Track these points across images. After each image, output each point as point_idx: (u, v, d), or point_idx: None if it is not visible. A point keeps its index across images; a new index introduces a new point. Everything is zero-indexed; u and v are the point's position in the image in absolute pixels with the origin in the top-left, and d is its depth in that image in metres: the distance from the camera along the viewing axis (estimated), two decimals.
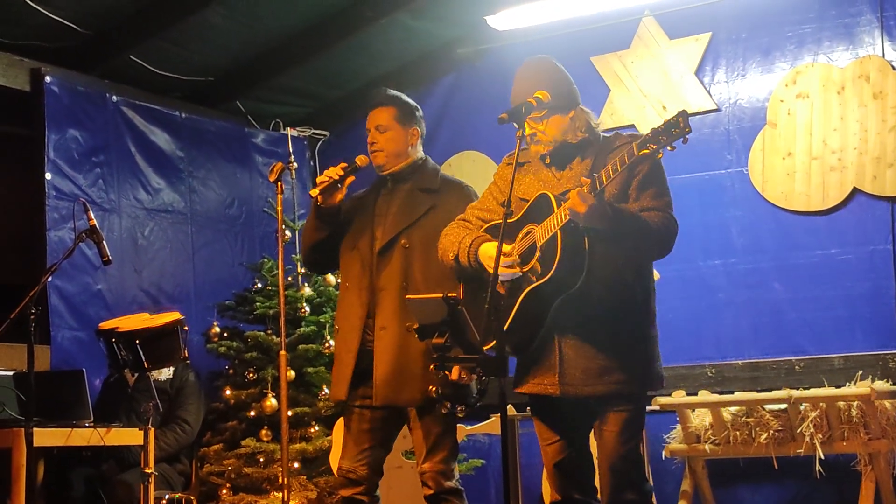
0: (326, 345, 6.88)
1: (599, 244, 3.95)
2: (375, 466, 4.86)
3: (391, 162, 4.93)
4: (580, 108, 4.26)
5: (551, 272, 3.94)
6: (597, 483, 4.27)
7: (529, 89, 4.15)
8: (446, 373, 3.97)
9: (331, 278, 7.04)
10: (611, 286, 4.03)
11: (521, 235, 4.11)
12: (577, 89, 4.30)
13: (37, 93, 6.94)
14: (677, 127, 3.76)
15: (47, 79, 6.95)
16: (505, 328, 3.93)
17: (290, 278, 7.07)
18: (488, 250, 4.15)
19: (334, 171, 4.86)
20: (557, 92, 4.19)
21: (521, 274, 4.06)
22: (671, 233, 4.09)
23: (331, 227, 4.96)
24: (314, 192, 4.87)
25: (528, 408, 4.39)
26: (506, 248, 3.98)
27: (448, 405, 4.03)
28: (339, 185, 4.88)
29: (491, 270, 4.01)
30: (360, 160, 4.92)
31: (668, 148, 3.80)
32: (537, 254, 4.02)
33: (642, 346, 4.12)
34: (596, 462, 4.24)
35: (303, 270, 7.05)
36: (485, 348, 3.83)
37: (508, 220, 3.98)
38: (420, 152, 5.03)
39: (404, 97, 5.05)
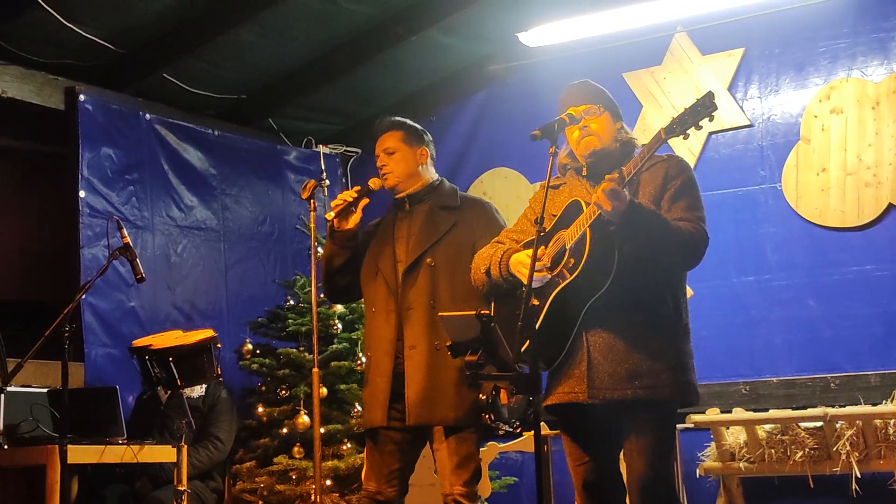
0: (359, 362, 6.87)
1: (626, 241, 3.92)
2: (402, 487, 4.86)
3: (403, 183, 4.95)
4: (622, 122, 4.30)
5: (579, 268, 3.93)
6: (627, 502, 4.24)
7: (578, 101, 4.19)
8: (493, 392, 4.01)
9: None
10: (641, 292, 4.01)
11: (551, 243, 4.10)
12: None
13: (71, 111, 6.99)
14: (703, 106, 3.77)
15: (81, 97, 7.00)
16: (537, 325, 3.91)
17: (322, 295, 7.06)
18: (519, 257, 4.16)
19: (348, 195, 4.90)
20: (605, 98, 4.25)
21: (549, 277, 4.04)
22: (697, 242, 4.05)
23: (348, 252, 4.98)
24: (329, 216, 4.89)
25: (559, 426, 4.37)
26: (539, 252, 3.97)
27: (495, 422, 4.06)
28: (353, 208, 4.91)
29: (522, 278, 4.04)
30: (373, 183, 4.95)
31: (693, 128, 3.79)
32: (566, 255, 4.01)
33: (674, 354, 4.07)
34: (626, 482, 4.21)
35: None
36: (521, 349, 3.81)
37: (542, 235, 3.97)
38: (434, 174, 5.04)
39: (410, 121, 5.07)
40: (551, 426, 6.30)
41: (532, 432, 3.72)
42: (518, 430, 4.31)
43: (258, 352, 7.22)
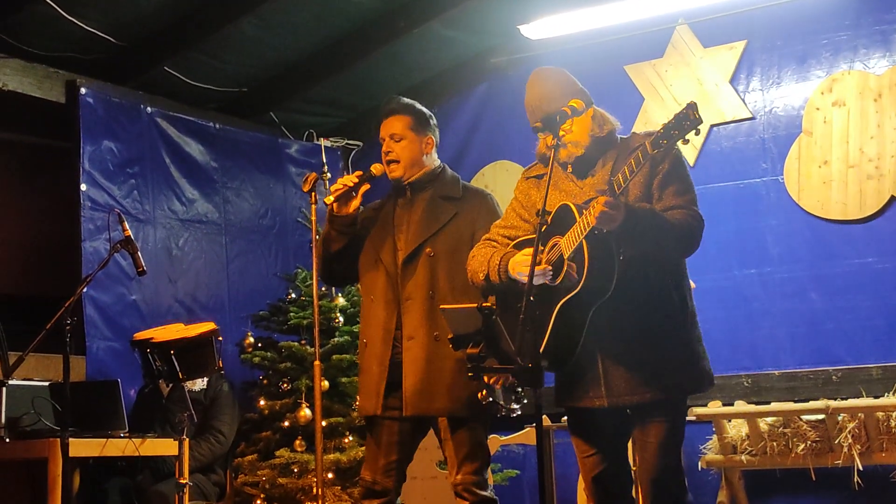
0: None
1: (627, 248, 3.90)
2: (400, 477, 4.85)
3: (408, 171, 4.90)
4: (594, 107, 4.24)
5: (582, 281, 3.90)
6: (634, 493, 4.24)
7: (551, 99, 4.14)
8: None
9: None
10: (645, 291, 4.00)
11: (547, 248, 4.06)
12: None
13: (72, 104, 6.99)
14: (688, 120, 3.72)
15: (82, 90, 6.99)
16: (542, 348, 3.88)
17: (323, 288, 7.06)
18: (518, 258, 4.12)
19: (349, 179, 4.86)
20: (578, 89, 4.21)
21: (550, 280, 4.00)
22: (693, 229, 4.02)
23: (347, 237, 4.94)
24: (328, 200, 4.87)
25: (564, 419, 4.35)
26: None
27: (491, 395, 4.06)
28: (354, 193, 4.87)
29: (521, 278, 4.00)
30: (376, 169, 4.90)
31: (680, 142, 3.75)
32: (566, 265, 3.98)
33: (685, 348, 4.07)
34: (634, 473, 4.20)
35: None
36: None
37: (542, 230, 3.94)
38: (437, 160, 5.00)
39: (418, 105, 5.01)
40: (554, 419, 6.31)
41: (534, 425, 3.72)
42: (519, 406, 4.27)
43: (260, 345, 7.23)
